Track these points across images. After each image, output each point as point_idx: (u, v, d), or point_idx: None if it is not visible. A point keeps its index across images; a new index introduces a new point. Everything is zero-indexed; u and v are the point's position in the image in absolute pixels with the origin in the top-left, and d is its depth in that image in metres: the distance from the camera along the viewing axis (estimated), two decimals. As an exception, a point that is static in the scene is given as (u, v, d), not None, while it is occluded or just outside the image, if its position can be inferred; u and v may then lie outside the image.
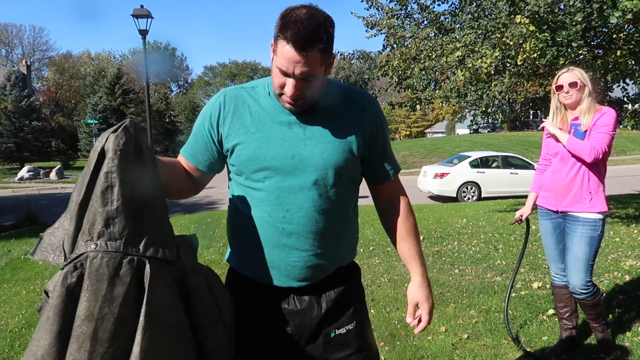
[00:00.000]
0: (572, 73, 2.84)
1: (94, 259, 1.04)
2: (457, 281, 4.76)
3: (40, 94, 44.48)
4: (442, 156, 23.86)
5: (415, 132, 63.97)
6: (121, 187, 1.07)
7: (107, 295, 1.03)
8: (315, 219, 1.37)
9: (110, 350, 1.02)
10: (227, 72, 69.14)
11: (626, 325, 3.40)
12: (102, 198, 1.07)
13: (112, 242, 1.06)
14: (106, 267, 1.04)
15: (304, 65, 1.23)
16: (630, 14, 5.04)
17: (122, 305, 1.03)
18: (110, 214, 1.07)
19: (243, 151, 1.38)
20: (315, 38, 1.22)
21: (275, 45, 1.26)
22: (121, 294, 1.03)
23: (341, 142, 1.39)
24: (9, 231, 9.58)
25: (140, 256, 1.07)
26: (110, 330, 1.02)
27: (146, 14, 11.99)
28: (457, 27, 7.43)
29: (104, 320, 1.02)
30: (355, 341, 1.46)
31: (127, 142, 1.09)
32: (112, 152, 1.07)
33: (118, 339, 1.03)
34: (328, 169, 1.37)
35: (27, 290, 5.09)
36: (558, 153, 2.92)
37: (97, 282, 1.03)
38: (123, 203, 1.07)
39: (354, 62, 10.66)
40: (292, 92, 1.28)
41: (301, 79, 1.26)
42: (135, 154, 1.11)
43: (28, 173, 24.77)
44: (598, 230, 2.79)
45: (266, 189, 1.37)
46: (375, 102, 1.50)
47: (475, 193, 13.08)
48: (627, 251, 5.63)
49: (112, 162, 1.07)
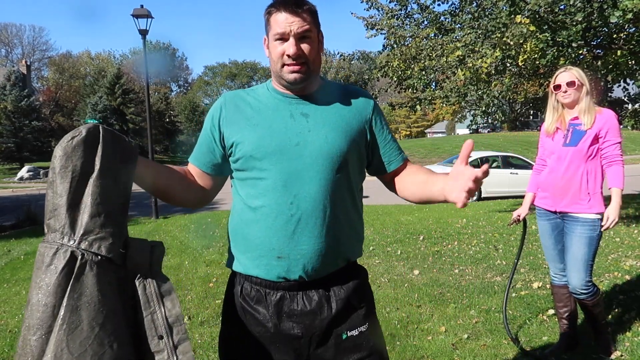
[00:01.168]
0: (570, 72, 2.84)
1: (39, 249, 1.09)
2: (457, 281, 4.76)
3: (40, 93, 44.46)
4: (442, 156, 23.88)
5: (415, 132, 63.99)
6: (60, 180, 1.11)
7: (40, 283, 1.05)
8: (323, 204, 1.37)
9: (35, 338, 1.03)
10: (226, 72, 69.13)
11: (626, 325, 3.40)
12: (48, 192, 1.12)
13: (52, 233, 1.10)
14: (44, 255, 1.07)
15: (300, 22, 1.34)
16: (630, 13, 5.04)
17: (49, 294, 1.04)
18: (51, 207, 1.11)
19: (247, 142, 1.39)
20: (302, 1, 1.36)
21: (269, 24, 1.37)
22: (51, 282, 1.05)
23: (345, 128, 1.42)
24: (9, 231, 9.59)
25: (74, 248, 1.09)
26: (37, 318, 1.04)
27: (146, 13, 11.98)
28: (457, 27, 7.43)
29: (33, 309, 1.04)
30: (368, 344, 1.43)
31: (71, 139, 1.13)
32: (57, 149, 1.13)
33: (40, 329, 1.04)
34: (333, 154, 1.38)
35: (27, 290, 5.08)
36: (554, 153, 2.92)
37: (36, 269, 1.07)
38: (61, 196, 1.10)
39: (353, 63, 10.65)
40: (294, 50, 1.34)
41: (300, 36, 1.34)
42: (85, 149, 1.13)
43: (28, 173, 24.79)
44: (597, 230, 2.79)
45: (272, 177, 1.37)
46: (371, 96, 1.55)
47: (475, 193, 13.06)
48: (627, 251, 5.63)
49: (54, 158, 1.12)
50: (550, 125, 2.96)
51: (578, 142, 2.81)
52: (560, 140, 2.90)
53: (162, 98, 47.62)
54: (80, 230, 1.10)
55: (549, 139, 2.98)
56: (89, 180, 1.13)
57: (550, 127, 2.95)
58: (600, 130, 2.79)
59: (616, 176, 2.79)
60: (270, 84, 1.47)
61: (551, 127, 2.95)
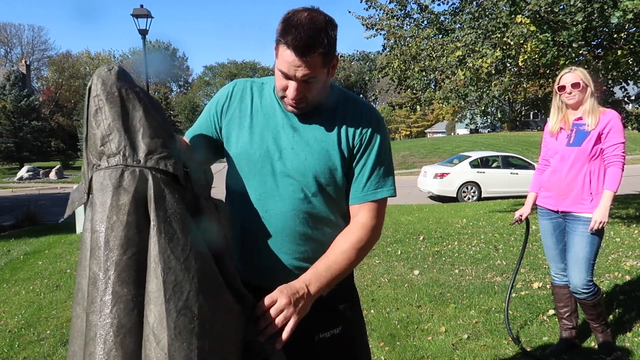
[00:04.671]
0: (575, 74, 2.84)
1: (98, 176, 1.07)
2: (457, 281, 4.76)
3: (40, 93, 44.43)
4: (442, 156, 23.86)
5: (415, 132, 63.99)
6: (109, 105, 1.10)
7: (113, 204, 1.03)
8: (294, 224, 1.35)
9: (124, 258, 1.01)
10: (226, 72, 69.16)
11: (626, 325, 3.39)
12: (95, 121, 1.10)
13: (112, 158, 1.08)
14: (108, 179, 1.05)
15: (305, 69, 1.23)
16: (630, 13, 5.04)
17: (129, 212, 1.03)
18: (104, 132, 1.09)
19: (236, 144, 1.40)
20: (315, 43, 1.21)
21: (277, 49, 1.26)
22: (127, 202, 1.04)
23: (328, 154, 1.36)
24: (9, 231, 9.58)
25: (141, 167, 1.07)
26: (120, 237, 1.02)
27: (146, 13, 11.98)
28: (458, 27, 7.42)
29: (114, 229, 1.02)
30: (341, 348, 1.40)
31: (108, 70, 1.13)
32: (95, 79, 1.12)
33: (131, 246, 1.02)
34: (309, 178, 1.35)
35: (27, 290, 5.09)
36: (558, 153, 2.92)
37: (103, 194, 1.04)
38: (113, 120, 1.09)
39: (353, 63, 10.60)
40: (294, 94, 1.28)
41: (302, 81, 1.26)
42: (124, 76, 1.13)
43: (27, 173, 24.77)
44: (599, 229, 2.79)
45: (250, 187, 1.37)
46: (376, 118, 1.42)
47: (476, 193, 13.08)
48: (628, 251, 5.63)
49: (96, 87, 1.11)
50: (554, 125, 2.96)
51: (582, 142, 2.81)
52: (563, 140, 2.90)
53: (162, 98, 47.62)
54: (144, 150, 1.09)
55: (552, 138, 2.98)
56: (136, 107, 1.12)
57: (554, 127, 2.96)
58: (603, 130, 2.79)
59: (611, 178, 2.78)
60: None
61: (555, 127, 2.95)
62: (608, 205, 2.74)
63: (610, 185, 2.77)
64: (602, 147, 2.81)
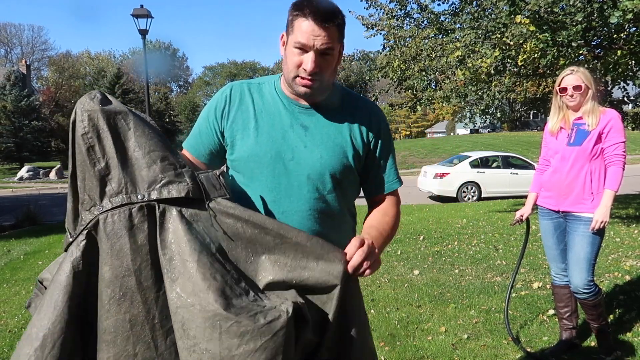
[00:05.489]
0: (577, 75, 2.82)
1: (105, 220, 1.04)
2: (457, 281, 4.76)
3: (40, 93, 44.36)
4: (442, 156, 23.86)
5: (415, 132, 63.97)
6: (101, 142, 1.07)
7: (133, 247, 1.03)
8: (310, 222, 1.35)
9: (160, 294, 1.02)
10: (226, 72, 69.15)
11: (627, 325, 3.39)
12: (89, 160, 1.07)
13: (114, 197, 1.06)
14: (119, 222, 1.04)
15: (325, 37, 1.25)
16: (630, 13, 5.04)
17: (151, 251, 1.03)
18: (102, 172, 1.07)
19: (243, 147, 1.37)
20: (334, 13, 1.27)
21: (292, 27, 1.28)
22: (145, 241, 1.03)
23: (343, 149, 1.37)
24: (9, 231, 9.58)
25: (147, 202, 1.06)
26: (152, 277, 1.02)
27: (146, 13, 11.98)
28: (457, 27, 7.43)
29: (142, 271, 1.02)
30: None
31: (91, 100, 1.10)
32: (79, 113, 1.09)
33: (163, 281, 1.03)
34: (326, 175, 1.35)
35: (27, 290, 5.09)
36: (558, 152, 2.91)
37: (118, 239, 1.03)
38: (110, 157, 1.07)
39: (353, 63, 10.59)
40: (312, 66, 1.27)
41: (321, 52, 1.27)
42: (103, 105, 1.11)
43: (28, 173, 24.77)
44: (600, 229, 2.79)
45: (262, 189, 1.35)
46: (382, 114, 1.48)
47: (476, 193, 13.08)
48: (628, 251, 5.63)
49: (83, 123, 1.08)
50: (554, 125, 2.96)
51: (582, 142, 2.81)
52: (564, 140, 2.90)
53: (162, 98, 47.57)
54: (145, 182, 1.08)
55: (553, 138, 2.97)
56: (128, 134, 1.10)
57: (554, 127, 2.95)
58: (603, 129, 2.78)
59: (612, 177, 2.78)
60: (278, 83, 1.43)
61: (555, 126, 2.95)
62: (609, 205, 2.74)
63: (611, 185, 2.77)
64: (603, 146, 2.80)
